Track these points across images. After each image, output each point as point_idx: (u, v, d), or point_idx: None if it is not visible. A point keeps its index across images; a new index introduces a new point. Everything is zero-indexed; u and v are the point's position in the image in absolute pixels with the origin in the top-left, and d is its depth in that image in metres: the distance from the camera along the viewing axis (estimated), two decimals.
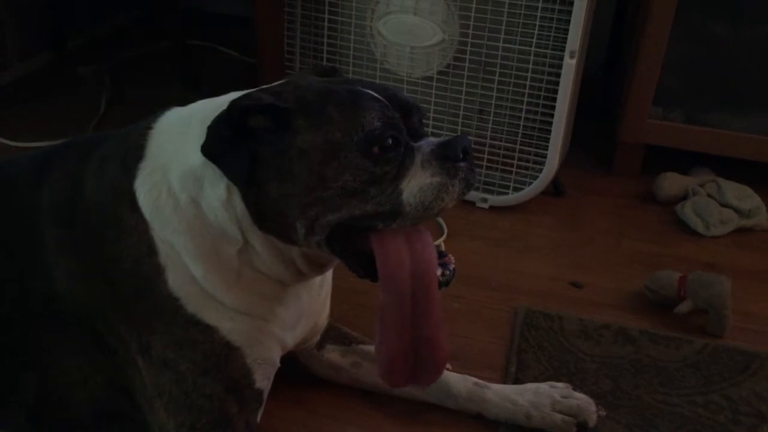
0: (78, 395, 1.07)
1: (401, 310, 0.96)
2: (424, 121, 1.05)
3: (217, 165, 0.95)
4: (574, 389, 1.24)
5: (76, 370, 1.05)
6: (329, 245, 0.97)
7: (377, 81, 1.85)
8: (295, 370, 1.28)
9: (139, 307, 1.00)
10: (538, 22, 1.68)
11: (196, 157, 0.97)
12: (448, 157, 0.95)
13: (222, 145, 0.94)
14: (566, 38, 1.67)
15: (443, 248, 1.05)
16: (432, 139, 0.98)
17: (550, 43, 1.70)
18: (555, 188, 1.97)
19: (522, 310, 1.49)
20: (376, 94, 0.97)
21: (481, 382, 1.24)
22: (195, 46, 2.72)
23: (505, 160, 1.84)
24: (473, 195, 1.89)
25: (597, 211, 1.93)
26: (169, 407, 1.02)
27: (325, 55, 1.91)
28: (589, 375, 1.33)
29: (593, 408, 1.20)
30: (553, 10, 1.66)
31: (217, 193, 0.98)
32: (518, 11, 1.69)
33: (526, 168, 1.84)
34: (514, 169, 1.84)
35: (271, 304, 1.06)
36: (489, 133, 1.83)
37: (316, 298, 1.16)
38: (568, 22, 1.66)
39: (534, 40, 1.70)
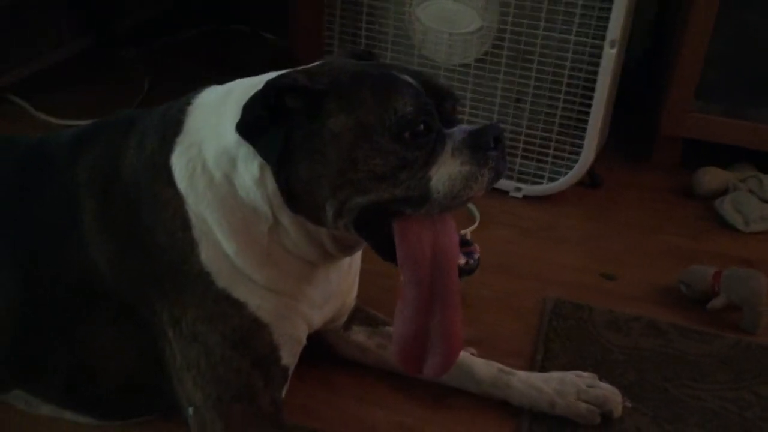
0: (110, 366, 1.10)
1: (419, 294, 0.97)
2: (458, 108, 1.05)
3: (251, 143, 0.97)
4: (600, 379, 1.24)
5: (108, 341, 1.08)
6: (357, 228, 0.98)
7: (415, 67, 1.85)
8: (322, 350, 1.30)
9: (172, 281, 1.02)
10: (579, 11, 1.67)
11: (232, 135, 0.99)
12: (480, 145, 0.95)
13: (256, 124, 0.95)
14: (607, 27, 1.65)
15: (469, 237, 1.05)
16: (465, 127, 0.98)
17: (591, 31, 1.68)
18: (591, 179, 1.95)
19: (551, 300, 1.49)
20: (410, 79, 0.97)
21: (506, 368, 1.24)
22: (236, 30, 2.75)
23: (540, 149, 1.83)
24: (507, 184, 1.88)
25: (633, 204, 1.91)
26: (197, 380, 1.04)
27: (363, 41, 1.92)
28: (616, 366, 1.32)
29: (619, 399, 1.20)
30: None
31: (250, 171, 0.99)
32: None
33: (562, 158, 1.82)
34: (549, 159, 1.83)
35: (299, 282, 1.07)
36: (525, 122, 1.82)
37: (344, 279, 1.18)
38: (609, 10, 1.64)
39: (574, 29, 1.69)
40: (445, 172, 0.94)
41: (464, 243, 1.03)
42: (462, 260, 1.01)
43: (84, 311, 1.07)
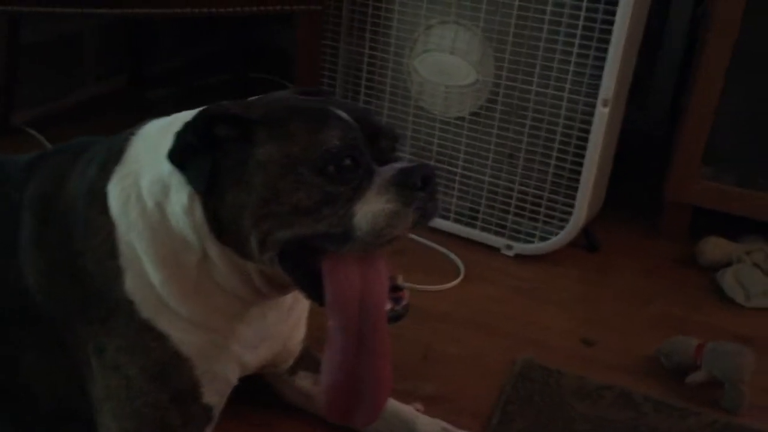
0: (40, 390, 1.08)
1: (346, 337, 0.93)
2: (397, 146, 1.02)
3: (180, 170, 0.96)
4: None
5: (38, 364, 1.06)
6: (282, 263, 0.96)
7: (410, 119, 1.85)
8: (268, 393, 1.26)
9: (97, 308, 1.00)
10: (572, 68, 1.64)
11: (167, 164, 0.98)
12: (407, 184, 0.92)
13: (186, 151, 0.95)
14: (600, 86, 1.61)
15: (401, 282, 1.01)
16: (397, 165, 0.95)
17: (584, 90, 1.64)
18: (589, 242, 1.89)
19: (520, 362, 1.42)
20: (345, 115, 0.96)
21: (451, 427, 1.17)
22: (258, 78, 2.82)
23: (532, 207, 1.78)
24: (498, 241, 1.83)
25: (630, 271, 1.83)
26: (115, 412, 1.01)
27: (363, 89, 1.92)
28: None
29: None
30: (587, 56, 1.61)
31: (180, 199, 0.98)
32: (553, 56, 1.65)
33: (553, 217, 1.77)
34: (541, 218, 1.78)
35: (230, 320, 1.04)
36: (518, 179, 1.78)
37: (284, 321, 1.14)
38: (602, 69, 1.60)
39: (567, 86, 1.65)
40: (369, 210, 0.91)
41: (395, 288, 0.99)
42: (388, 305, 0.96)
43: (17, 332, 1.06)
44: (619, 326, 1.60)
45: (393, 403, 1.20)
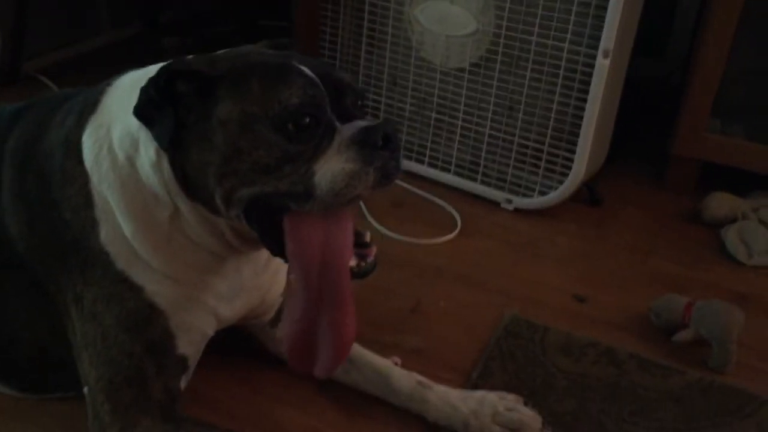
0: (24, 337, 1.12)
1: (307, 292, 0.94)
2: (363, 103, 1.01)
3: (146, 125, 0.96)
4: (525, 404, 1.17)
5: (21, 311, 1.10)
6: (247, 220, 0.96)
7: (411, 69, 1.82)
8: (249, 345, 1.28)
9: (75, 258, 1.02)
10: (573, 17, 1.58)
11: (135, 118, 0.98)
12: (368, 143, 0.91)
13: (150, 106, 0.95)
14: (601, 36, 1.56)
15: (368, 239, 1.01)
16: (359, 123, 0.94)
17: (585, 40, 1.59)
18: (591, 197, 1.86)
19: (507, 317, 1.42)
20: (307, 71, 0.95)
21: (426, 381, 1.18)
22: (274, 26, 2.79)
23: (532, 161, 1.75)
24: (498, 195, 1.81)
25: (631, 226, 1.80)
26: (92, 359, 1.04)
27: (364, 39, 1.89)
28: (554, 392, 1.24)
29: (538, 425, 1.12)
30: (589, 5, 1.56)
31: (148, 154, 0.99)
32: (554, 4, 1.60)
33: (554, 171, 1.74)
34: (540, 171, 1.75)
35: (203, 273, 1.05)
36: (518, 132, 1.75)
37: (260, 274, 1.15)
38: (603, 18, 1.55)
39: (568, 36, 1.61)
40: (329, 169, 0.91)
41: (361, 244, 0.99)
42: (353, 262, 0.96)
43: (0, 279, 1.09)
44: (614, 282, 1.58)
45: (370, 356, 1.22)
